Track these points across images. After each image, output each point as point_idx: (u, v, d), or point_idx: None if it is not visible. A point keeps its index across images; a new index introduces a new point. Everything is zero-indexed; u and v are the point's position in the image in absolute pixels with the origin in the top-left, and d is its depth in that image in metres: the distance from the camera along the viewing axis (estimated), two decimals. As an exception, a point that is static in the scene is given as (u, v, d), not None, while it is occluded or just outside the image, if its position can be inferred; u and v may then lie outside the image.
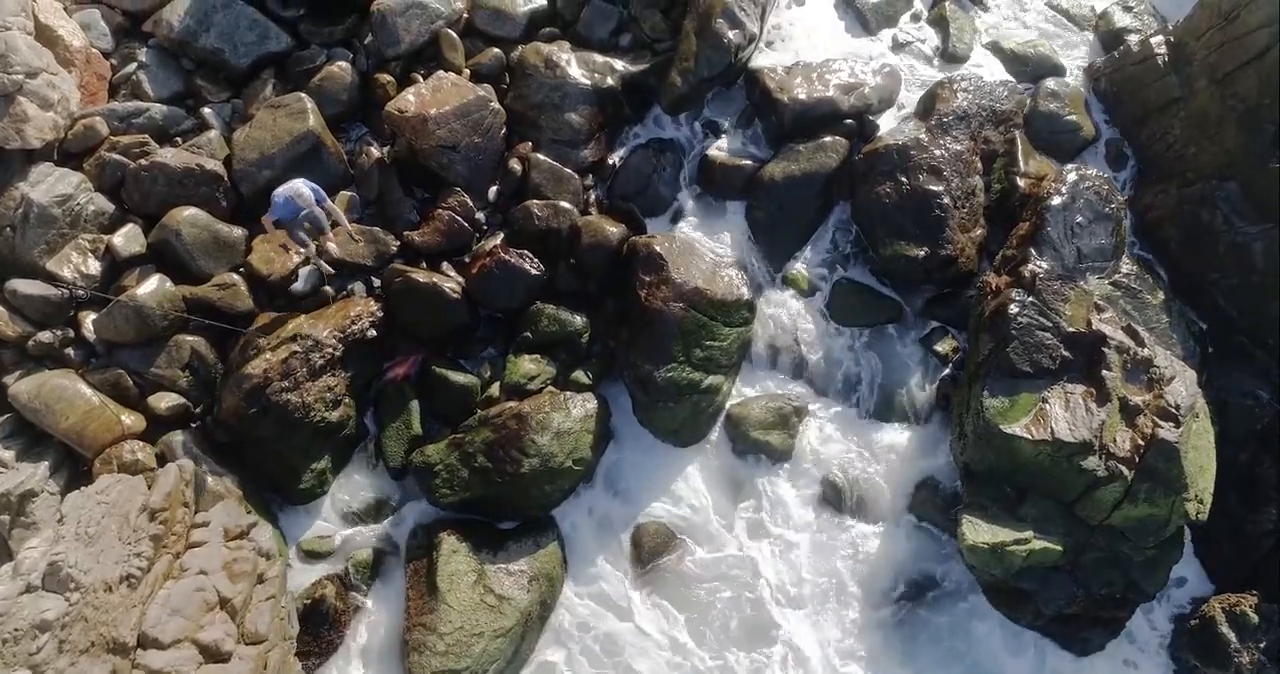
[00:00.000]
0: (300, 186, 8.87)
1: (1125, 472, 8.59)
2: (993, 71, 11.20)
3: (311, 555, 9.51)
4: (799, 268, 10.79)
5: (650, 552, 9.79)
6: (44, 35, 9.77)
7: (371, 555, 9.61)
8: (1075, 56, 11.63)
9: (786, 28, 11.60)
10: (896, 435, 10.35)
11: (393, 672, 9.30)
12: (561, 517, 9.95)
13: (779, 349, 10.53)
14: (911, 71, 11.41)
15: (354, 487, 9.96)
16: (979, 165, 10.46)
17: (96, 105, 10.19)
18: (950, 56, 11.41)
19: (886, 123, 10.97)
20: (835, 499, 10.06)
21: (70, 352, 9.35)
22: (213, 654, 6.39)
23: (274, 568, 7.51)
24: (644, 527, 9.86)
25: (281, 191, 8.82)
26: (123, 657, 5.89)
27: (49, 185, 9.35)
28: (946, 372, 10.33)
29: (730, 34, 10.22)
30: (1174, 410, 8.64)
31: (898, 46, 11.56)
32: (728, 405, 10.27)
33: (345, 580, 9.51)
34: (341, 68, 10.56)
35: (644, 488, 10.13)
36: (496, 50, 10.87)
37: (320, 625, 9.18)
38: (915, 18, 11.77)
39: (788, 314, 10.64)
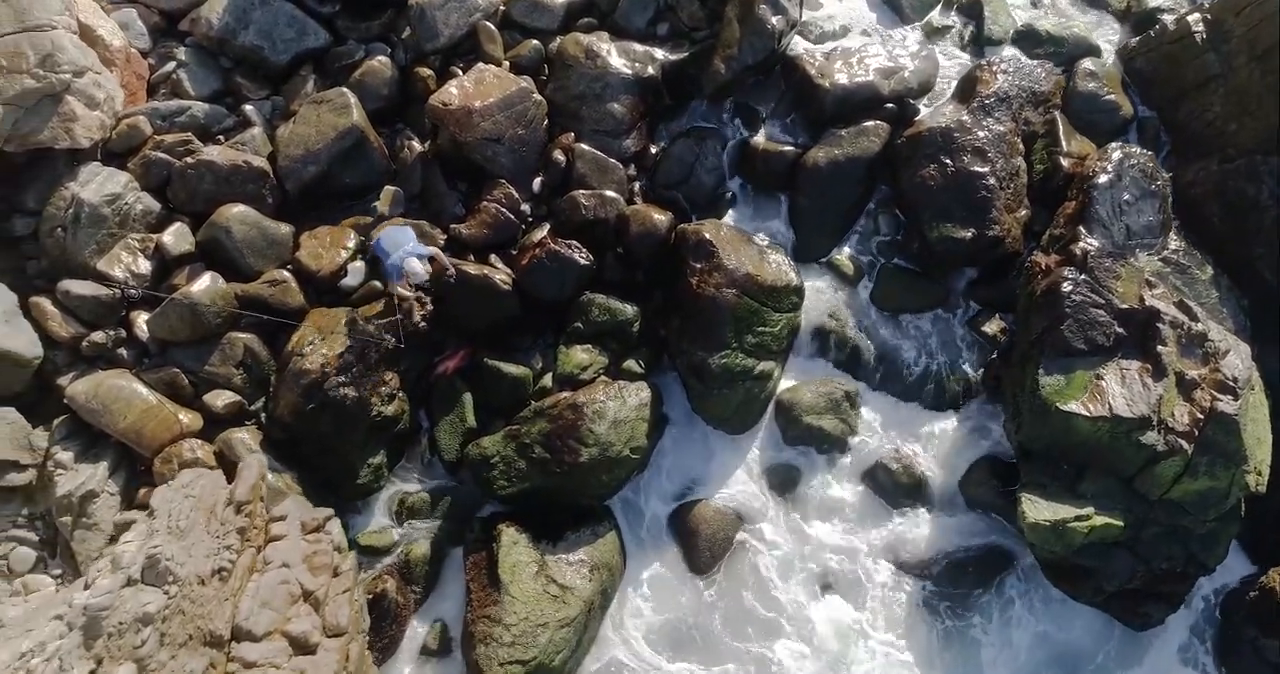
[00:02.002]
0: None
1: (1185, 445, 8.66)
2: (1030, 54, 11.21)
3: (370, 551, 9.51)
4: (844, 253, 10.83)
5: (706, 538, 9.80)
6: (85, 35, 9.70)
7: (429, 549, 9.59)
8: (1108, 38, 11.68)
9: (822, 15, 11.61)
10: (947, 418, 10.41)
11: (455, 664, 9.34)
12: (617, 506, 9.98)
13: (825, 336, 10.55)
14: (948, 56, 11.44)
15: (409, 481, 9.96)
16: (1021, 146, 10.51)
17: (137, 105, 10.15)
18: (986, 40, 11.44)
19: (927, 106, 11.00)
20: (888, 483, 10.10)
21: (123, 352, 9.31)
22: (301, 646, 6.39)
23: (347, 561, 7.51)
24: (699, 513, 9.88)
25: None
26: (219, 649, 5.87)
27: (98, 185, 9.30)
28: (995, 354, 10.38)
29: (773, 19, 10.24)
30: (1231, 383, 8.71)
31: (934, 32, 11.59)
32: (778, 392, 10.30)
33: (404, 575, 9.51)
34: (381, 62, 10.53)
35: (697, 475, 10.17)
36: (535, 42, 10.85)
37: (382, 620, 9.17)
38: (949, 3, 11.79)
39: (833, 300, 10.68)
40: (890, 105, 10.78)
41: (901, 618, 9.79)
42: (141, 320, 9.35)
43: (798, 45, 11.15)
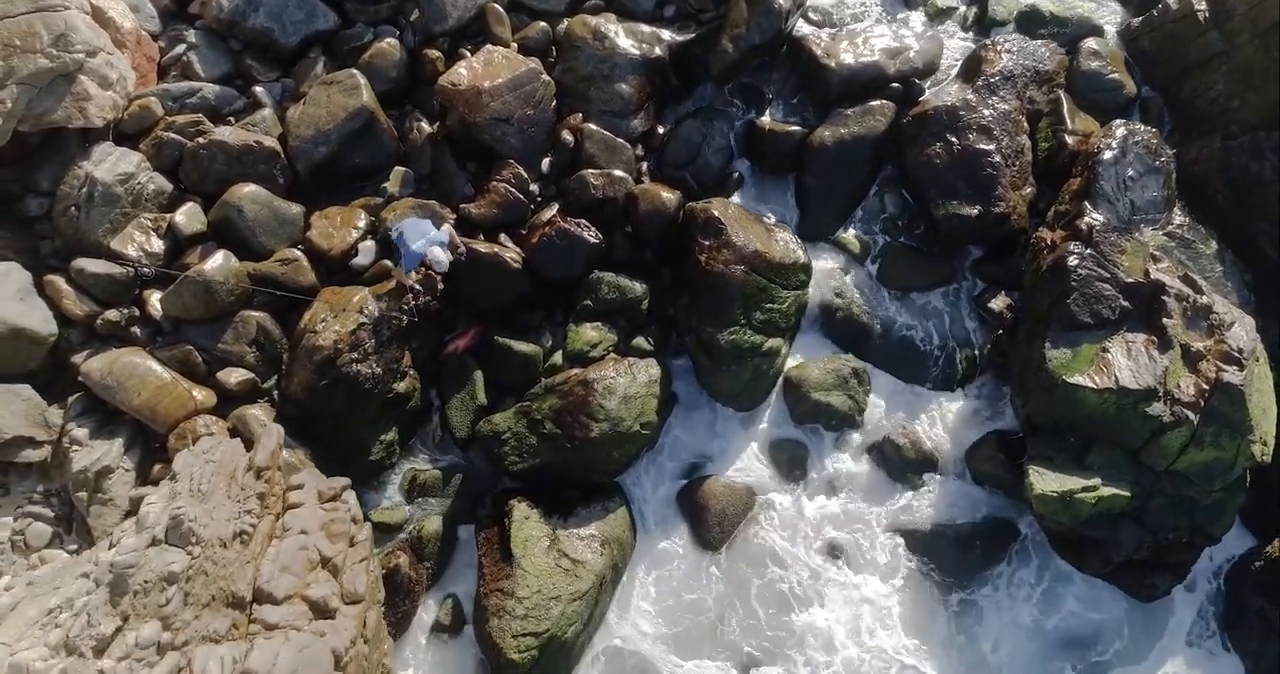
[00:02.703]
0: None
1: (1190, 416, 8.74)
2: (1033, 35, 11.28)
3: (382, 527, 9.57)
4: (850, 232, 10.91)
5: (716, 514, 9.87)
6: (97, 17, 9.76)
7: (441, 526, 9.66)
8: (1110, 18, 11.76)
9: (826, -3, 11.70)
10: (953, 395, 10.50)
11: (468, 640, 9.42)
12: (628, 482, 10.06)
13: (833, 313, 10.63)
14: (953, 38, 11.53)
15: (421, 459, 10.04)
16: (1025, 125, 10.59)
17: (148, 87, 10.22)
18: (991, 21, 11.52)
19: (931, 87, 11.08)
20: (895, 458, 10.18)
21: (136, 330, 9.36)
22: (321, 610, 6.46)
23: (362, 532, 7.58)
24: (709, 489, 9.95)
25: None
26: (241, 610, 5.95)
27: (111, 164, 9.37)
28: (1001, 330, 10.46)
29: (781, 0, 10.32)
30: (1236, 354, 8.80)
31: (938, 14, 11.67)
32: (786, 369, 10.38)
33: (416, 551, 9.58)
34: (390, 44, 10.59)
35: (706, 452, 10.25)
36: (543, 24, 10.93)
37: (395, 595, 9.24)
38: (953, -17, 11.89)
39: (840, 279, 10.76)
40: (896, 85, 10.86)
41: (909, 592, 9.86)
42: (155, 299, 9.41)
43: (803, 27, 11.23)
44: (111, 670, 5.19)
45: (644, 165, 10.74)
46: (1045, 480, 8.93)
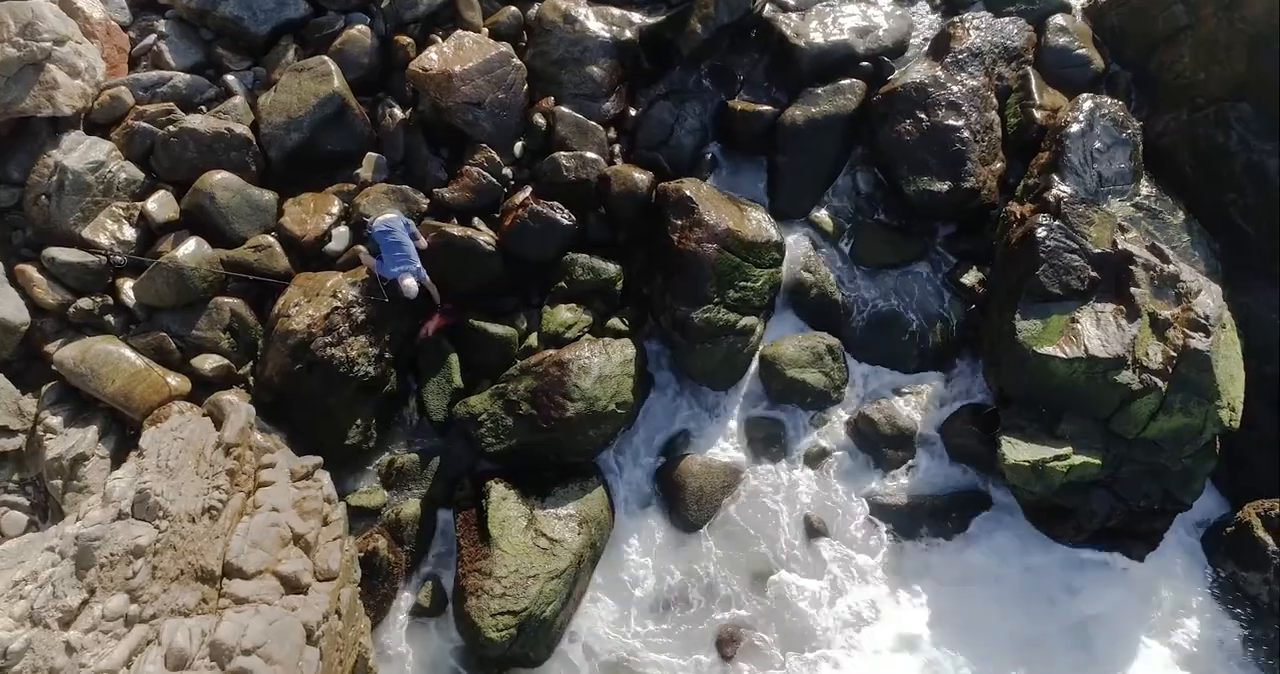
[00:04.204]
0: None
1: (1159, 383, 8.82)
2: (1001, 13, 11.33)
3: (360, 511, 9.59)
4: (824, 211, 10.96)
5: (694, 492, 9.90)
6: (64, 7, 9.80)
7: (419, 510, 9.68)
8: (1076, -5, 11.84)
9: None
10: (928, 370, 10.55)
11: (449, 622, 9.42)
12: (605, 462, 10.10)
13: (807, 292, 10.67)
14: (922, 16, 11.59)
15: (398, 443, 10.06)
16: (994, 101, 10.66)
17: (119, 77, 10.22)
18: (957, 2, 11.59)
19: (900, 65, 11.13)
20: (870, 433, 10.23)
21: (110, 318, 9.39)
22: (292, 586, 6.48)
23: (336, 511, 7.60)
24: (686, 467, 9.97)
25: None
26: (210, 585, 5.97)
27: (81, 153, 9.38)
28: (973, 305, 10.53)
29: (748, -21, 10.37)
30: (1203, 321, 8.87)
31: (907, -8, 11.75)
32: (761, 347, 10.43)
33: (395, 535, 9.60)
34: (361, 31, 10.62)
35: (684, 431, 10.29)
36: (513, 8, 10.96)
37: (374, 577, 9.26)
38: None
39: (814, 257, 10.80)
40: (866, 64, 10.92)
41: (888, 565, 9.90)
42: (128, 286, 9.43)
43: (772, 7, 11.26)
44: (78, 642, 5.22)
45: (617, 147, 10.79)
46: (1017, 450, 9.00)
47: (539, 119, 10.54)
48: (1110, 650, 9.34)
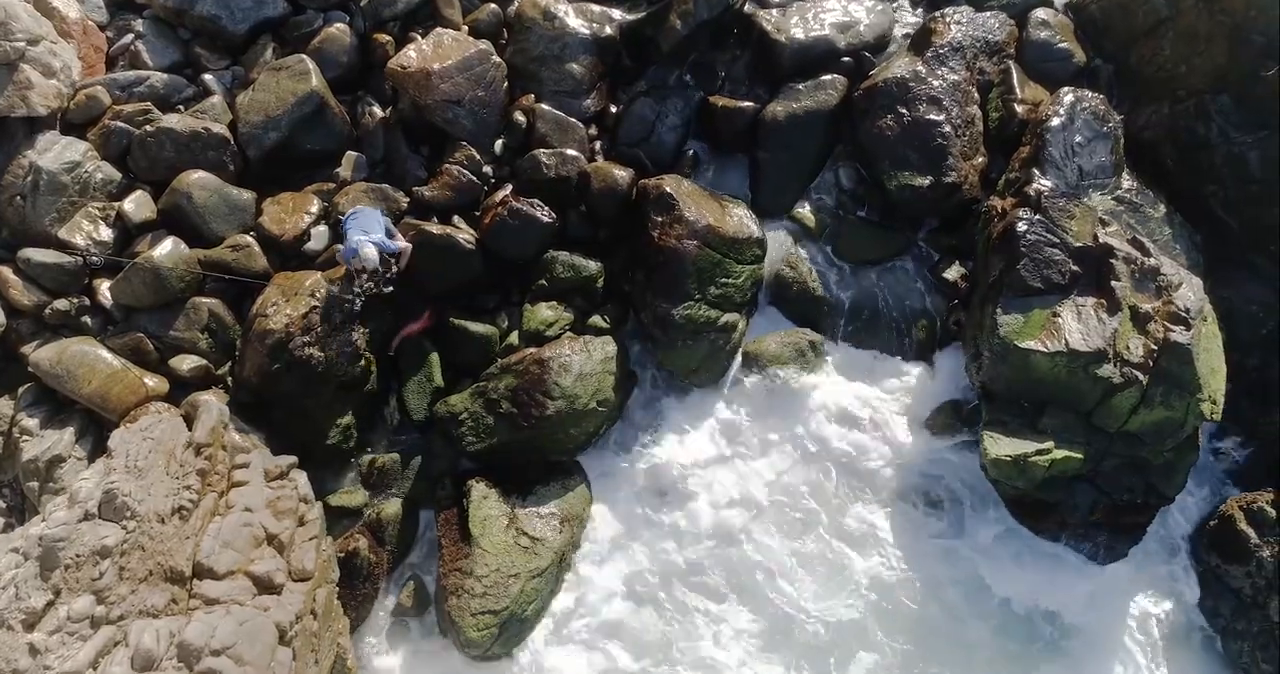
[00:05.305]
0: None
1: (1140, 377, 8.79)
2: (983, 8, 11.30)
3: (340, 511, 9.53)
4: (806, 207, 10.92)
5: (675, 488, 9.88)
6: (39, 6, 9.75)
7: (400, 510, 9.63)
8: (1058, -10, 11.79)
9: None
10: (910, 365, 10.50)
11: (431, 622, 9.40)
12: (587, 460, 10.06)
13: (789, 288, 10.64)
14: (900, 13, 11.57)
15: (379, 443, 10.00)
16: (976, 95, 10.63)
17: (96, 76, 10.16)
18: (937, -2, 11.58)
19: (882, 60, 11.10)
20: (854, 429, 10.19)
21: (87, 319, 9.33)
22: (265, 586, 6.43)
23: (312, 511, 7.56)
24: (667, 465, 9.95)
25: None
26: (180, 585, 5.92)
27: (57, 153, 9.33)
28: (955, 300, 10.50)
29: (727, -26, 10.33)
30: (1184, 314, 8.85)
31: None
32: (743, 344, 10.39)
33: (376, 535, 9.55)
34: (339, 29, 10.55)
35: (666, 429, 10.24)
36: (493, 6, 10.92)
37: (355, 578, 9.20)
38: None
39: (796, 253, 10.76)
40: (847, 59, 10.88)
41: (876, 561, 9.87)
42: (104, 287, 9.38)
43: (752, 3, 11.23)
44: (42, 644, 5.17)
45: (597, 145, 10.74)
46: (999, 445, 8.97)
47: (519, 116, 10.50)
48: (1090, 644, 9.32)
